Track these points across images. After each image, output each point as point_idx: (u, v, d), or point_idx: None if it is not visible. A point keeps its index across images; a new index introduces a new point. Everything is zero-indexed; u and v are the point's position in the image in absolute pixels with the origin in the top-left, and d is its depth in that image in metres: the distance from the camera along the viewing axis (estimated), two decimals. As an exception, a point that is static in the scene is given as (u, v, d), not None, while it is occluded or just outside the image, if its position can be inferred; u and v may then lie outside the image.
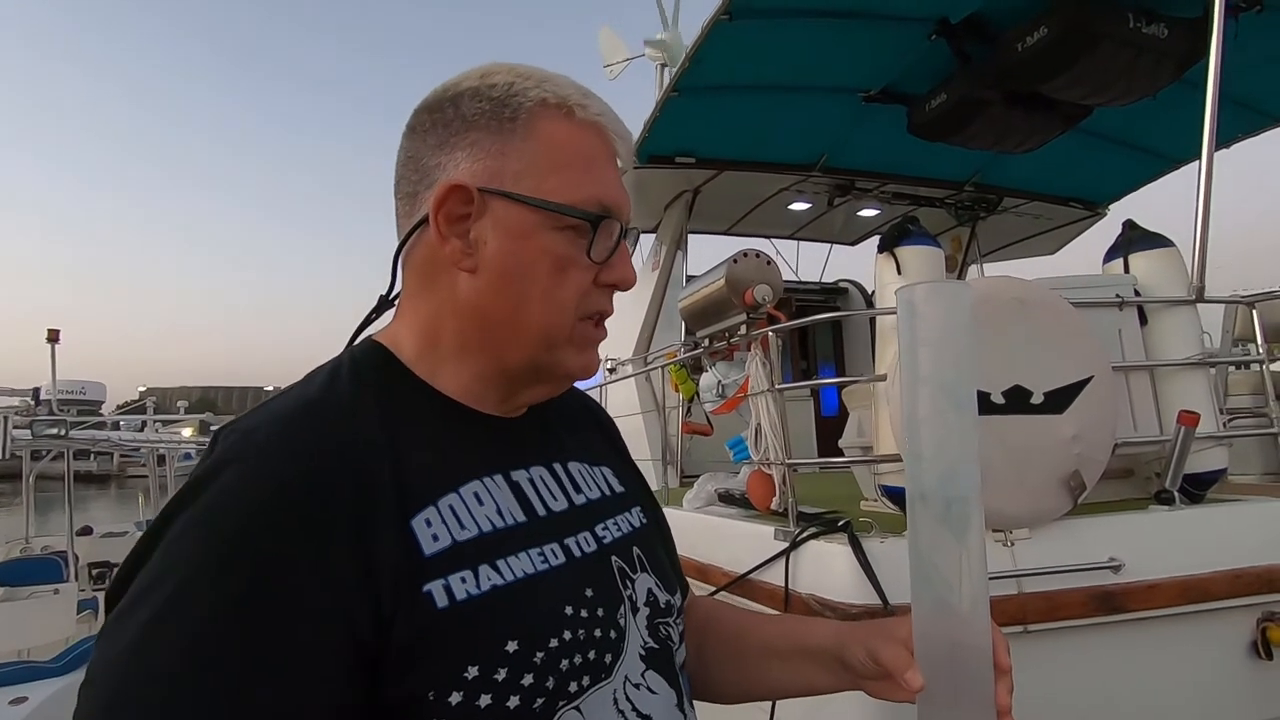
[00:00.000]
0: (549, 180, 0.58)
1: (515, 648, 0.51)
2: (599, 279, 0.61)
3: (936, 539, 0.57)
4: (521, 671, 0.50)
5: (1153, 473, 2.06)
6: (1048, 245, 5.17)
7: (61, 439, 6.04)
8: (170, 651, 0.42)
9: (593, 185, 0.59)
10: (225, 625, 0.43)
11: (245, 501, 0.47)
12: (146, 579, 0.45)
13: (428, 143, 0.60)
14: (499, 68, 0.61)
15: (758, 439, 2.17)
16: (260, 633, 0.44)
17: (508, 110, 0.58)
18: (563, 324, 0.59)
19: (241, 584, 0.44)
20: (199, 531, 0.46)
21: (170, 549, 0.46)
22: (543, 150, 0.58)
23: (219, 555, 0.45)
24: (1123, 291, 2.04)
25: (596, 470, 0.70)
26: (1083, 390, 1.72)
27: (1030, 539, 1.70)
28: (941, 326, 0.58)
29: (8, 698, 3.14)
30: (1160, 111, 3.07)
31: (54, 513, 9.99)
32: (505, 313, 0.58)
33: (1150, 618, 1.64)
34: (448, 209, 0.58)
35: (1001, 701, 0.56)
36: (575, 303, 0.59)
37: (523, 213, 0.57)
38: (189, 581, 0.44)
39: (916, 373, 0.59)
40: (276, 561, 0.45)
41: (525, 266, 0.58)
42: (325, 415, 0.54)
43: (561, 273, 0.58)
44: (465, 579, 0.51)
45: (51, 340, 6.58)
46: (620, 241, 0.61)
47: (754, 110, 3.58)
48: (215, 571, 0.44)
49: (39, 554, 6.16)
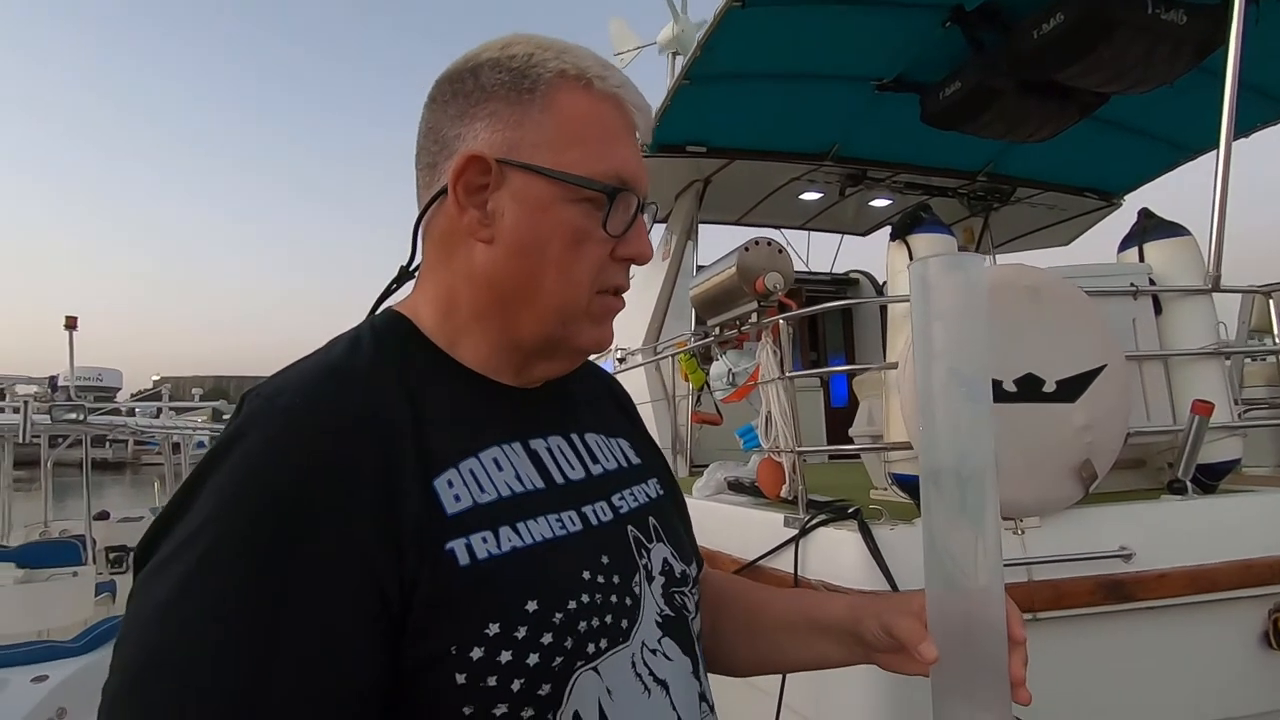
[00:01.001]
0: (567, 152, 0.58)
1: (535, 607, 0.51)
2: (616, 253, 0.61)
3: (950, 514, 0.57)
4: (541, 630, 0.51)
5: (1165, 463, 2.05)
6: (1062, 236, 5.12)
7: (79, 424, 6.13)
8: (203, 612, 0.44)
9: (611, 158, 0.59)
10: (256, 586, 0.44)
11: (271, 464, 0.48)
12: (178, 539, 0.46)
13: (448, 113, 0.60)
14: (520, 38, 0.61)
15: (768, 427, 2.18)
16: (290, 592, 0.45)
17: (526, 81, 0.58)
18: (578, 297, 0.60)
19: (270, 544, 0.45)
20: (228, 494, 0.47)
21: (200, 510, 0.47)
22: (561, 122, 0.58)
23: (248, 517, 0.46)
24: (1137, 280, 2.02)
25: (614, 442, 0.71)
26: (1095, 379, 1.71)
27: (1040, 527, 1.70)
28: (956, 301, 0.58)
29: (29, 676, 3.20)
30: (1178, 100, 3.03)
31: (71, 498, 10.14)
32: (520, 284, 0.59)
33: (1160, 607, 1.64)
34: (466, 179, 0.58)
35: (1015, 673, 0.56)
36: (591, 276, 0.60)
37: (540, 184, 0.57)
38: (219, 541, 0.45)
39: (930, 348, 0.59)
40: (304, 522, 0.46)
41: (542, 238, 0.58)
42: (347, 379, 0.55)
43: (577, 245, 0.58)
44: (486, 539, 0.52)
45: (69, 327, 6.66)
46: (638, 215, 0.61)
47: (766, 99, 3.56)
48: (246, 532, 0.45)
49: (58, 538, 6.26)
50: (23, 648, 3.59)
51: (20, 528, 7.37)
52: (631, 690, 0.57)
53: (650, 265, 4.97)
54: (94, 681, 3.70)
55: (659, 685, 0.59)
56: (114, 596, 5.70)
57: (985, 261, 0.62)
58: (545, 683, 0.51)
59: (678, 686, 0.61)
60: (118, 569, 6.88)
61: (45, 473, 7.88)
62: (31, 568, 4.91)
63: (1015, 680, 0.56)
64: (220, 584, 0.44)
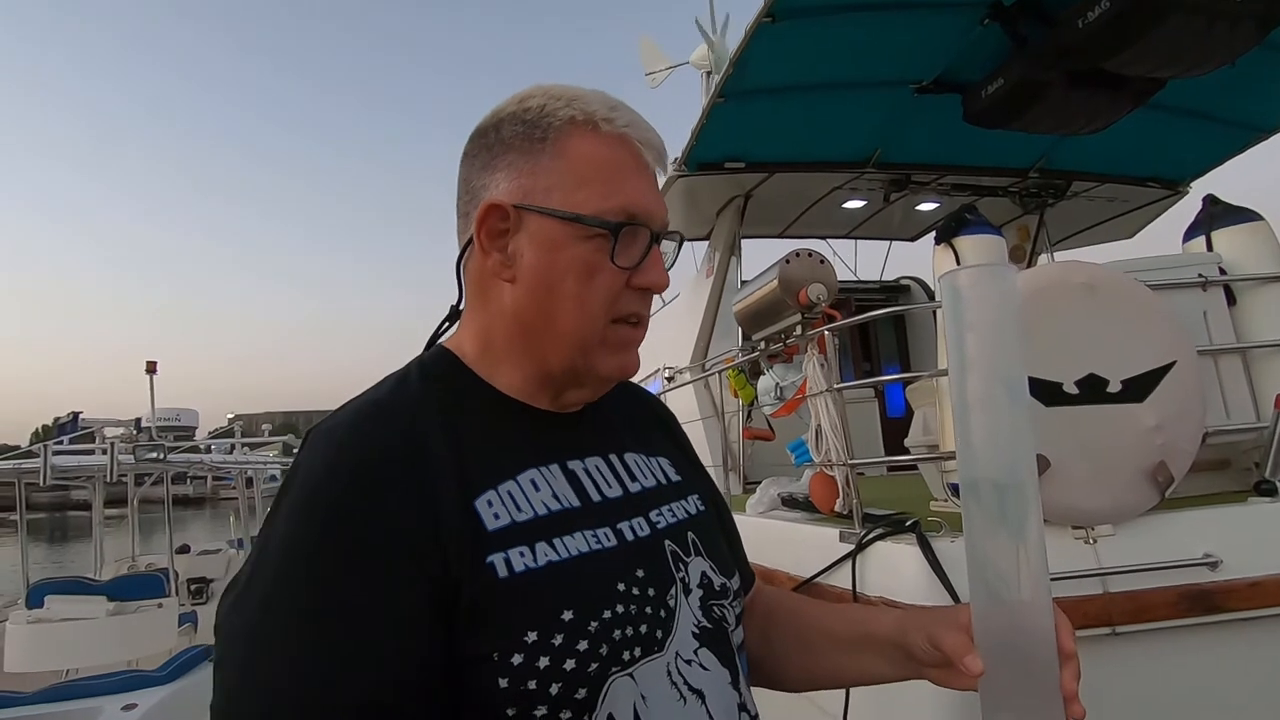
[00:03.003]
0: (576, 193, 0.62)
1: (570, 616, 0.55)
2: (631, 282, 0.64)
3: (990, 526, 0.56)
4: (577, 638, 0.55)
5: (1251, 463, 1.92)
6: (1124, 229, 4.90)
7: (160, 462, 6.47)
8: (284, 619, 0.51)
9: (618, 195, 0.62)
10: (324, 586, 0.51)
11: (329, 487, 0.54)
12: (261, 560, 0.54)
13: (475, 166, 0.66)
14: (536, 91, 0.66)
15: (818, 441, 2.14)
16: (352, 590, 0.51)
17: (539, 131, 0.63)
18: (593, 328, 0.63)
19: (332, 555, 0.52)
20: (293, 518, 0.54)
21: (275, 534, 0.54)
22: (571, 166, 0.62)
23: (311, 535, 0.53)
24: (1206, 270, 1.92)
25: (653, 461, 0.73)
26: (1165, 377, 1.62)
27: (1114, 536, 1.62)
28: (988, 310, 0.58)
29: (120, 704, 3.37)
30: (1242, 79, 2.89)
31: (155, 533, 10.69)
32: (542, 319, 0.63)
33: (1252, 618, 1.53)
34: (489, 226, 0.63)
35: (1067, 687, 0.55)
36: (605, 307, 0.63)
37: (553, 225, 0.62)
38: (291, 558, 0.53)
39: (964, 359, 0.58)
40: (362, 534, 0.52)
41: (556, 275, 0.62)
42: (392, 412, 0.61)
43: (590, 279, 0.62)
44: (524, 553, 0.56)
45: (150, 372, 7.07)
46: (652, 247, 0.65)
47: (802, 110, 3.55)
48: (312, 549, 0.52)
49: (144, 570, 6.59)
50: (114, 677, 3.79)
51: (111, 562, 7.80)
52: (666, 697, 0.59)
53: (695, 283, 4.99)
54: (178, 708, 3.88)
55: (694, 694, 0.61)
56: (195, 627, 5.96)
57: (1015, 271, 0.62)
58: (581, 687, 0.54)
59: (714, 696, 0.62)
60: (199, 600, 7.20)
61: (132, 509, 8.34)
62: (120, 600, 5.18)
63: (1067, 694, 0.55)
64: (293, 600, 0.51)
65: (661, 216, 0.66)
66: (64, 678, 4.47)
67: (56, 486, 8.47)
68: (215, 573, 8.19)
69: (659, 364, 4.77)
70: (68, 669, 4.78)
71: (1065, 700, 0.55)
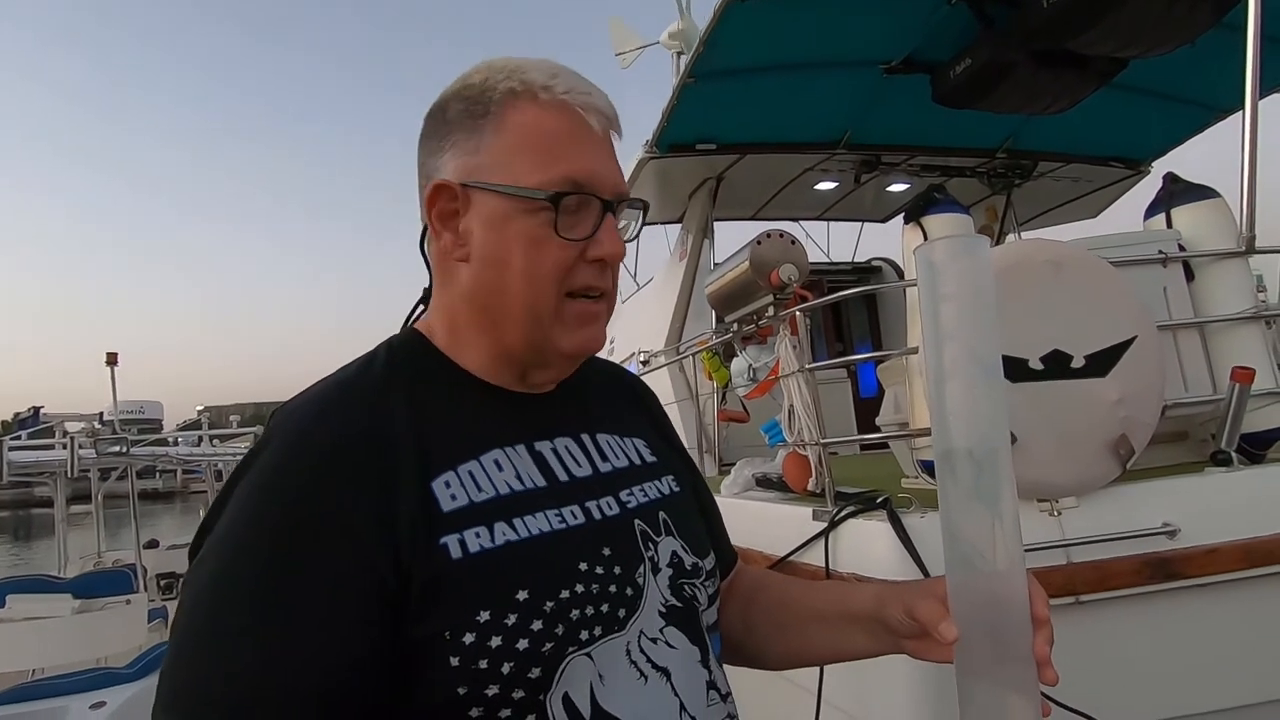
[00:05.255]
0: (516, 166, 0.61)
1: (525, 596, 0.55)
2: (586, 255, 0.63)
3: (965, 498, 0.57)
4: (531, 618, 0.55)
5: (1208, 434, 1.98)
6: (1089, 208, 4.99)
7: (123, 456, 6.33)
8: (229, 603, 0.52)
9: (559, 164, 0.61)
10: (276, 570, 0.52)
11: (285, 471, 0.55)
12: (214, 538, 0.55)
13: (427, 149, 0.66)
14: (480, 67, 0.65)
15: (791, 421, 2.15)
16: (303, 575, 0.52)
17: (480, 106, 0.63)
18: (545, 303, 0.62)
19: (281, 546, 0.52)
20: (247, 502, 0.54)
21: (229, 515, 0.55)
22: (511, 139, 0.62)
23: (267, 515, 0.54)
24: (1166, 247, 1.96)
25: (627, 441, 0.73)
26: (1126, 352, 1.65)
27: (1078, 508, 1.65)
28: (963, 283, 0.58)
29: (88, 703, 3.30)
30: (1201, 59, 2.93)
31: (123, 529, 10.46)
32: (495, 297, 0.63)
33: (1210, 583, 1.58)
34: (439, 207, 0.63)
35: (1040, 652, 0.56)
36: (555, 279, 0.62)
37: (497, 201, 0.61)
38: (240, 543, 0.53)
39: (939, 331, 0.59)
40: (312, 519, 0.53)
41: (504, 251, 0.62)
42: (355, 395, 0.61)
43: (537, 251, 0.61)
44: (480, 534, 0.56)
45: (111, 363, 6.89)
46: (605, 216, 0.63)
47: (773, 91, 3.53)
48: (265, 528, 0.53)
49: (110, 567, 6.46)
50: (81, 675, 3.70)
51: (76, 559, 7.62)
52: (626, 676, 0.59)
53: (668, 266, 4.98)
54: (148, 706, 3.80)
55: (659, 672, 0.61)
56: (166, 622, 5.85)
57: (990, 243, 0.63)
58: (535, 666, 0.54)
59: (681, 674, 0.62)
60: (169, 595, 7.07)
61: (96, 505, 8.15)
62: (87, 598, 5.06)
63: (1040, 660, 0.56)
64: (247, 575, 0.52)
65: (613, 183, 0.64)
66: (29, 678, 4.37)
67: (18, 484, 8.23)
68: (186, 568, 8.04)
69: (634, 347, 4.76)
70: (33, 669, 4.67)
71: (1038, 665, 0.55)
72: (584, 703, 0.56)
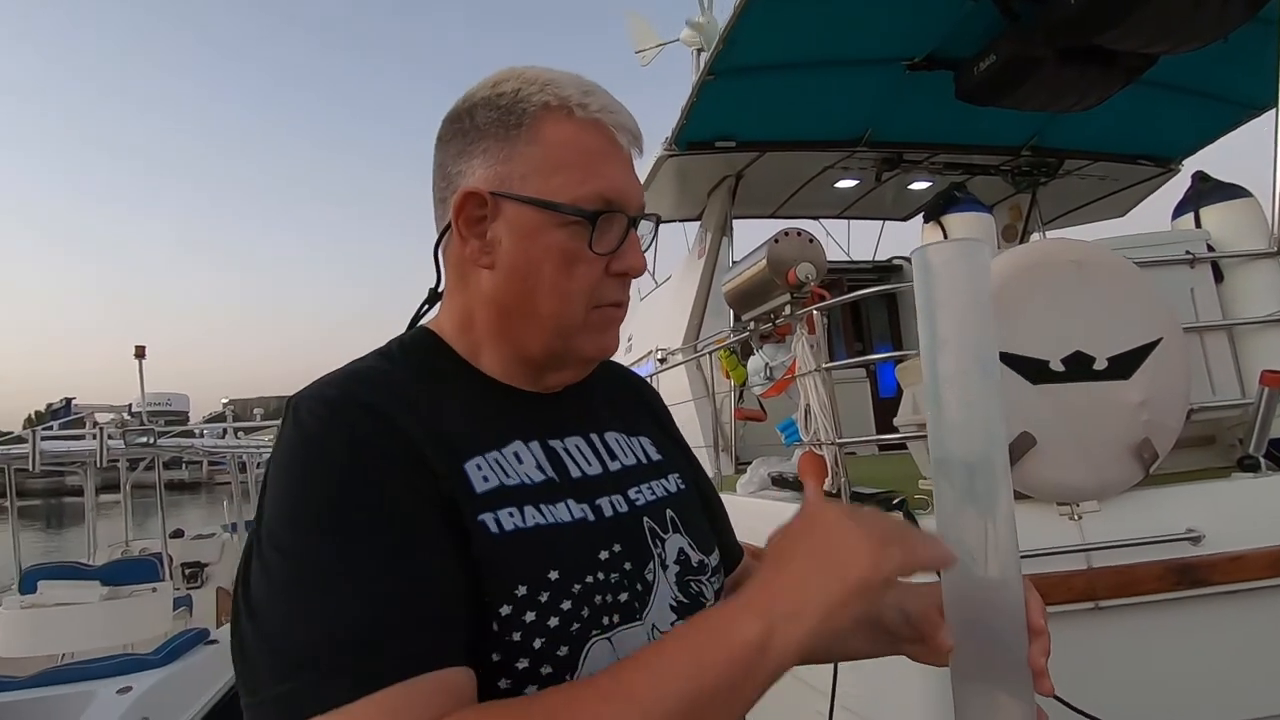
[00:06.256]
0: (552, 180, 0.62)
1: (556, 576, 0.56)
2: (609, 269, 0.64)
3: (960, 504, 0.57)
4: (561, 597, 0.56)
5: (1236, 439, 1.93)
6: (1116, 207, 4.89)
7: (150, 447, 6.46)
8: (308, 576, 0.49)
9: (594, 181, 0.62)
10: (350, 536, 0.50)
11: (324, 438, 0.54)
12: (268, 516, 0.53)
13: (450, 152, 0.66)
14: (509, 74, 0.65)
15: (807, 420, 2.14)
16: (382, 539, 0.50)
17: (513, 117, 0.63)
18: (573, 314, 0.63)
19: (351, 506, 0.51)
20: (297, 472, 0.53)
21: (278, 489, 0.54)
22: (546, 152, 0.62)
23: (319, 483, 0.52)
24: (1194, 247, 1.92)
25: (634, 440, 0.74)
26: (1150, 354, 1.62)
27: (1099, 511, 1.63)
28: (959, 287, 0.57)
29: (115, 687, 3.39)
30: (1234, 55, 2.87)
31: (150, 519, 10.69)
32: (520, 305, 0.63)
33: (1235, 591, 1.55)
34: (467, 213, 0.63)
35: (1035, 663, 0.55)
36: (585, 294, 0.63)
37: (529, 213, 0.62)
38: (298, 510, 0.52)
39: (935, 336, 0.58)
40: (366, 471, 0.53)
41: (534, 262, 0.62)
42: (378, 379, 0.61)
43: (569, 266, 0.62)
44: (512, 514, 0.57)
45: (139, 356, 7.04)
46: (629, 232, 0.64)
47: (793, 88, 3.50)
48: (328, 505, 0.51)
49: (137, 556, 6.60)
50: (109, 661, 3.80)
51: (104, 547, 7.80)
52: None
53: (686, 264, 4.96)
54: (173, 691, 3.89)
55: None
56: (190, 610, 5.98)
57: (987, 248, 0.62)
58: (563, 645, 0.55)
59: None
60: (193, 584, 7.22)
61: (125, 494, 8.33)
62: (115, 585, 5.18)
63: (1036, 670, 0.56)
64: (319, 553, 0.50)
65: (637, 200, 0.65)
66: (59, 662, 4.49)
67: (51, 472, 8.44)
68: (210, 557, 8.20)
69: (651, 345, 4.76)
70: (62, 653, 4.80)
71: (1034, 675, 0.55)
72: None
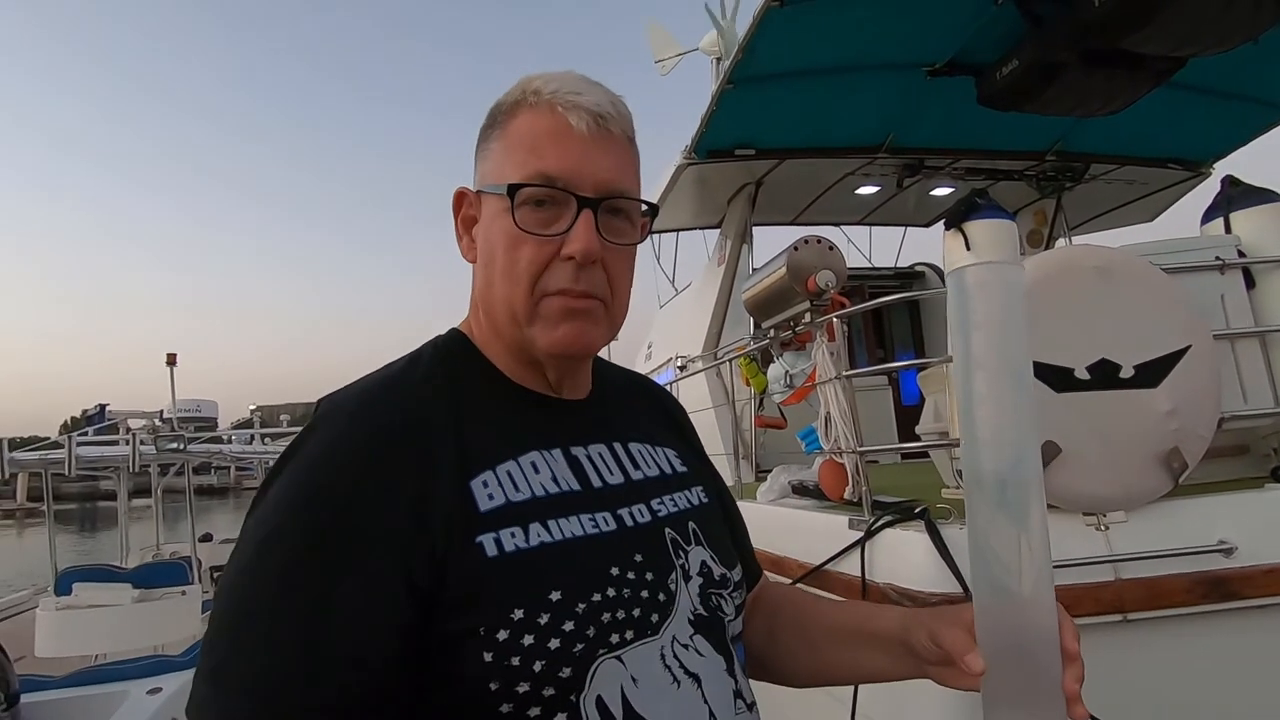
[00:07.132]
0: (505, 168, 0.64)
1: (558, 596, 0.56)
2: (561, 253, 0.62)
3: (994, 524, 0.56)
4: (563, 618, 0.55)
5: (1270, 448, 1.89)
6: (1144, 212, 4.81)
7: (181, 453, 6.60)
8: (269, 578, 0.53)
9: (535, 162, 0.62)
10: (309, 555, 0.53)
11: (327, 460, 0.57)
12: (259, 516, 0.56)
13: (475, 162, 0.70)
14: (515, 83, 0.68)
15: (828, 428, 2.13)
16: (335, 563, 0.53)
17: (494, 119, 0.67)
18: (518, 298, 0.62)
19: (321, 525, 0.54)
20: (293, 481, 0.56)
21: (275, 494, 0.56)
22: (505, 144, 0.65)
23: (306, 501, 0.55)
24: (1224, 253, 1.88)
25: (658, 451, 0.73)
26: (1179, 362, 1.60)
27: (1127, 522, 1.60)
28: (993, 309, 0.57)
29: (146, 688, 3.45)
30: (1267, 56, 2.82)
31: (180, 523, 10.91)
32: (488, 293, 0.66)
33: (1268, 605, 1.51)
34: (463, 213, 0.69)
35: (1069, 689, 0.54)
36: (529, 277, 0.62)
37: (489, 202, 0.65)
38: (283, 521, 0.55)
39: (969, 356, 0.58)
40: (349, 509, 0.54)
41: (490, 249, 0.65)
42: (400, 390, 0.63)
43: (514, 249, 0.62)
44: (515, 534, 0.57)
45: (170, 364, 7.20)
46: (582, 212, 0.61)
47: (813, 95, 3.50)
48: (303, 514, 0.54)
49: (168, 559, 6.73)
50: (140, 662, 3.87)
51: (136, 550, 7.96)
52: (659, 680, 0.59)
53: (707, 272, 4.97)
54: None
55: (690, 678, 0.61)
56: (219, 613, 6.06)
57: (1023, 270, 0.62)
58: (566, 666, 0.54)
59: (711, 681, 0.62)
60: (222, 587, 7.31)
61: (156, 499, 8.51)
62: (146, 588, 5.29)
63: (1069, 696, 0.54)
64: (282, 557, 0.53)
65: (595, 180, 0.62)
66: (92, 662, 4.59)
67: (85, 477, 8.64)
68: (236, 561, 8.30)
69: (672, 352, 4.77)
70: (95, 654, 4.90)
71: (1067, 701, 0.54)
72: (616, 705, 0.56)
